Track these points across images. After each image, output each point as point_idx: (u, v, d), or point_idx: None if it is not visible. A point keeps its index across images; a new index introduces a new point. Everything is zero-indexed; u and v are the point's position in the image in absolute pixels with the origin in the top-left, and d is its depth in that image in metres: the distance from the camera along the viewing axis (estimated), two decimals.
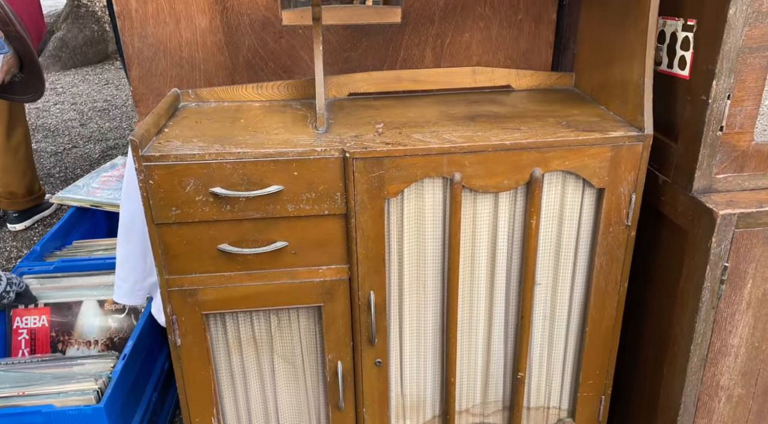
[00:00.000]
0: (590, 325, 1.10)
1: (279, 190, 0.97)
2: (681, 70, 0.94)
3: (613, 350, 1.11)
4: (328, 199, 0.99)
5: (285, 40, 1.39)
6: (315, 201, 0.99)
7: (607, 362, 1.13)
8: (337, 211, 1.00)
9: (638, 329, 1.14)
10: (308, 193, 0.99)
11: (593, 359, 1.13)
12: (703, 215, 0.89)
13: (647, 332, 1.10)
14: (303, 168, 0.97)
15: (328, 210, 1.00)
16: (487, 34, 1.42)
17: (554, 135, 0.99)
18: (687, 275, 0.94)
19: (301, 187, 0.98)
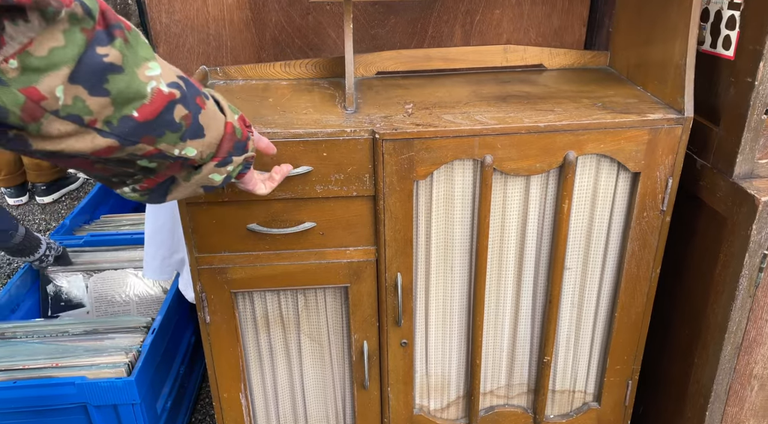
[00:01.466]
0: (620, 310, 1.09)
1: (308, 170, 0.97)
2: (725, 51, 0.90)
3: (642, 336, 1.10)
4: (356, 180, 0.99)
5: (312, 17, 1.37)
6: (343, 182, 0.99)
7: (635, 348, 1.12)
8: (365, 192, 1.00)
9: (668, 314, 1.12)
10: (337, 174, 0.98)
11: (621, 345, 1.12)
12: (743, 201, 0.87)
13: (677, 318, 1.09)
14: (332, 149, 0.96)
15: (356, 191, 0.99)
16: (519, 11, 1.38)
17: (590, 117, 0.96)
18: (724, 262, 0.92)
19: (330, 168, 0.97)
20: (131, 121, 0.58)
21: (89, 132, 0.56)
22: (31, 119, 0.52)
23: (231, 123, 0.70)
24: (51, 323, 1.35)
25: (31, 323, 1.36)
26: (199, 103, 0.65)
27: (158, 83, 0.59)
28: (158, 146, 0.62)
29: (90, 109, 0.55)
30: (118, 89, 0.56)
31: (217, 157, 0.70)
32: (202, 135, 0.66)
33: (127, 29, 0.58)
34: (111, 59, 0.55)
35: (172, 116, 0.61)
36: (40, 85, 0.51)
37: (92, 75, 0.54)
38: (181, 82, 0.63)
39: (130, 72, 0.57)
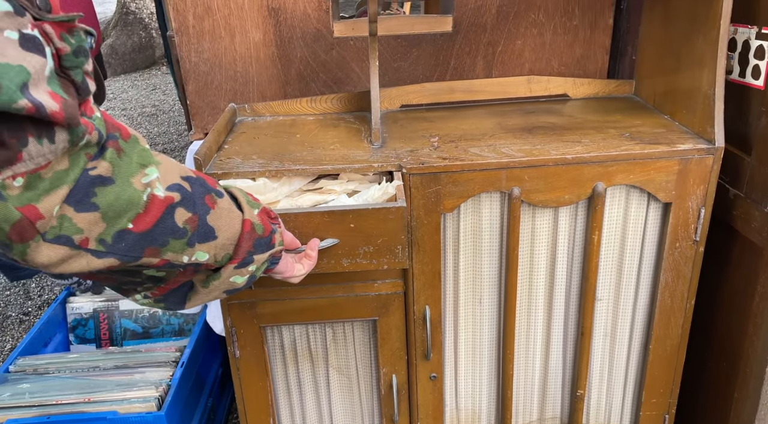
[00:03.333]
0: (654, 342, 1.06)
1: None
2: (755, 80, 0.89)
3: (678, 369, 1.07)
4: None
5: (336, 52, 1.40)
6: None
7: (671, 381, 1.09)
8: None
9: (705, 347, 1.10)
10: None
11: (657, 378, 1.09)
12: None
13: (715, 351, 1.06)
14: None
15: None
16: (541, 41, 1.39)
17: (618, 148, 0.96)
18: (762, 294, 0.90)
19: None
20: (128, 235, 0.53)
21: (82, 254, 0.51)
22: (19, 240, 0.48)
23: (249, 220, 0.64)
24: (82, 358, 1.37)
25: (63, 358, 1.38)
26: (207, 203, 0.60)
27: (154, 189, 0.54)
28: (164, 257, 0.56)
29: (78, 228, 0.50)
30: (107, 202, 0.51)
31: (236, 258, 0.63)
32: (212, 237, 0.60)
33: (124, 138, 0.54)
34: (99, 172, 0.51)
35: (173, 222, 0.56)
36: (40, 204, 0.47)
37: (78, 190, 0.50)
38: (185, 182, 0.58)
39: (123, 182, 0.52)
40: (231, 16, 1.31)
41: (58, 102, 0.45)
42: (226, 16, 1.31)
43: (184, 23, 1.30)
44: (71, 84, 0.48)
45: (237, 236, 0.63)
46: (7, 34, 0.42)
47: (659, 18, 1.08)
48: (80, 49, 0.49)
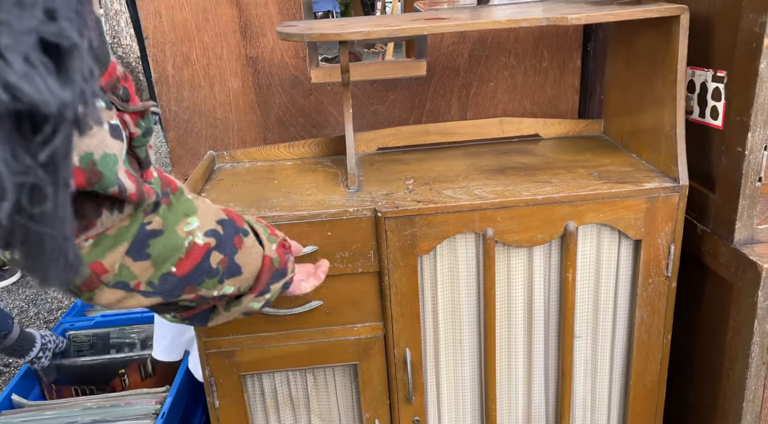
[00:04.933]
0: (634, 378, 1.07)
1: (314, 250, 0.98)
2: (714, 120, 0.93)
3: (659, 404, 1.07)
4: (361, 257, 1.00)
5: (314, 97, 1.43)
6: (349, 260, 1.00)
7: (653, 416, 1.09)
8: (370, 269, 1.01)
9: (685, 382, 1.10)
10: (342, 252, 1.00)
11: (639, 414, 1.09)
12: (747, 267, 0.87)
13: (695, 387, 1.06)
14: (336, 228, 0.98)
15: (361, 268, 1.01)
16: (513, 82, 1.43)
17: (587, 188, 0.98)
18: (734, 329, 0.91)
19: (335, 247, 0.99)
20: (171, 277, 0.61)
21: (134, 295, 0.60)
22: (87, 290, 0.56)
23: (269, 256, 0.71)
24: (61, 415, 1.34)
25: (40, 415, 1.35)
26: (236, 244, 0.67)
27: (195, 237, 0.62)
28: (199, 293, 0.64)
29: (134, 274, 0.58)
30: (157, 251, 0.59)
31: (255, 289, 0.71)
32: (239, 273, 0.67)
33: (173, 191, 0.62)
34: (153, 226, 0.59)
35: (208, 264, 0.63)
36: (105, 260, 0.55)
37: (137, 244, 0.58)
38: (219, 226, 0.65)
39: (169, 232, 0.60)
40: (210, 66, 1.34)
41: (134, 183, 0.52)
42: (204, 66, 1.34)
43: (164, 74, 1.33)
44: (135, 159, 0.55)
45: (258, 271, 0.70)
46: (104, 126, 0.49)
47: (622, 60, 1.13)
48: (148, 130, 0.56)
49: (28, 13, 0.24)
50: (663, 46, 0.96)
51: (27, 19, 0.24)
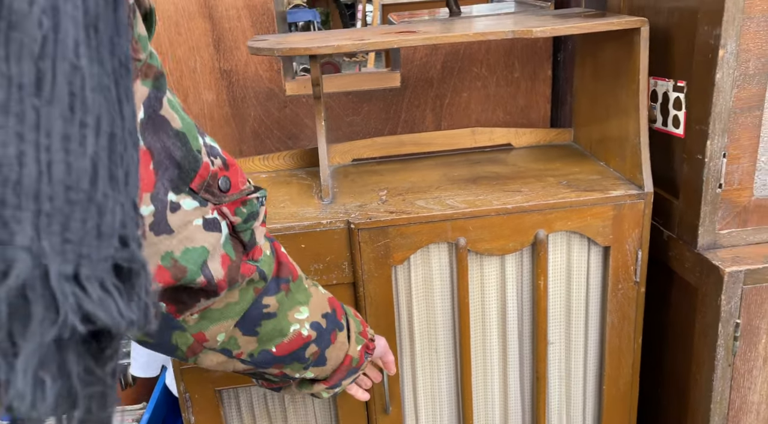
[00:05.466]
0: (607, 383, 1.08)
1: None
2: (675, 129, 0.95)
3: (632, 408, 1.09)
4: (336, 269, 1.01)
5: (289, 109, 1.43)
6: (323, 271, 1.00)
7: (627, 420, 1.10)
8: (345, 280, 1.01)
9: (658, 386, 1.12)
10: (316, 264, 1.00)
11: (613, 417, 1.11)
12: (710, 272, 0.89)
13: (667, 390, 1.08)
14: (310, 240, 0.99)
15: (336, 280, 1.01)
16: (485, 92, 1.45)
17: (555, 196, 1.00)
18: (700, 331, 0.93)
19: (309, 259, 0.99)
20: (269, 354, 0.65)
21: (234, 361, 0.65)
22: (192, 354, 0.62)
23: (351, 356, 0.75)
24: None
25: None
26: (331, 339, 0.71)
27: (301, 327, 0.66)
28: (284, 371, 0.69)
29: (239, 345, 0.63)
30: (266, 331, 0.64)
31: (329, 382, 0.75)
32: (323, 364, 0.72)
33: (293, 279, 0.66)
34: (269, 309, 0.63)
35: (303, 353, 0.68)
36: (208, 331, 0.60)
37: (250, 321, 0.62)
38: (323, 320, 0.69)
39: (282, 316, 0.64)
40: (183, 78, 1.34)
41: (224, 268, 0.55)
42: (177, 79, 1.34)
43: None
44: (239, 242, 0.58)
45: (338, 365, 0.74)
46: (195, 222, 0.52)
47: (589, 71, 1.15)
48: (251, 215, 0.58)
49: (106, 243, 0.27)
50: (626, 58, 0.98)
51: (105, 249, 0.27)
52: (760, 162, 0.89)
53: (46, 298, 0.24)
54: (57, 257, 0.24)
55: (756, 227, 0.91)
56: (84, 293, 0.25)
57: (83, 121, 0.25)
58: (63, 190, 0.25)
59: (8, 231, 0.24)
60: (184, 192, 0.51)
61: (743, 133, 0.85)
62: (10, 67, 0.23)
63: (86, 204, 0.25)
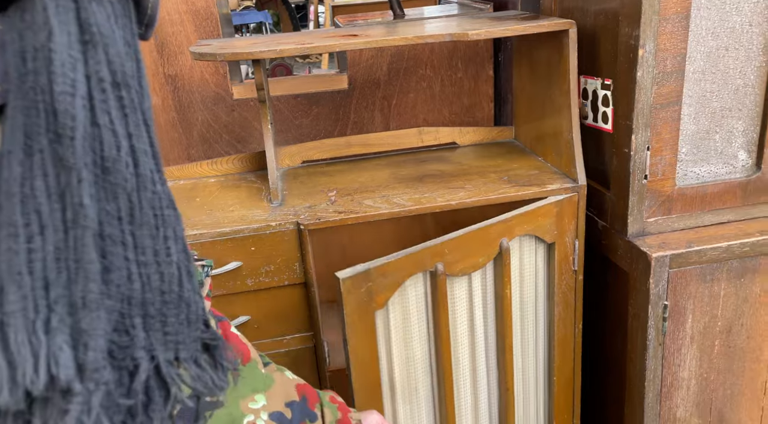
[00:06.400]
0: (557, 373, 1.12)
1: (238, 266, 0.99)
2: (605, 124, 1.01)
3: (576, 392, 1.14)
4: (287, 270, 1.02)
5: (237, 113, 1.44)
6: (274, 273, 1.02)
7: (572, 405, 1.16)
8: (296, 280, 1.03)
9: (599, 368, 1.18)
10: (267, 266, 1.01)
11: (562, 404, 1.15)
12: (639, 257, 0.95)
13: (609, 373, 1.14)
14: (259, 243, 1.00)
15: (287, 280, 1.02)
16: (431, 93, 1.49)
17: (496, 192, 1.04)
18: (633, 314, 0.99)
19: (260, 261, 1.00)
20: None
21: None
22: None
23: None
24: None
25: None
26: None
27: (256, 418, 0.60)
28: None
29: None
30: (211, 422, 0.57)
31: None
32: None
33: (244, 362, 0.60)
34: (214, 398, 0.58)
35: None
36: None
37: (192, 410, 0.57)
38: (287, 409, 0.63)
39: (232, 403, 0.58)
40: None
41: None
42: None
43: None
44: None
45: None
46: None
47: (526, 71, 1.20)
48: None
49: (194, 327, 0.34)
50: (557, 58, 1.03)
51: (194, 332, 0.34)
52: (681, 154, 0.95)
53: (159, 382, 0.32)
54: (161, 347, 0.31)
55: (680, 214, 0.98)
56: (185, 371, 0.33)
57: (165, 235, 0.32)
58: (159, 295, 0.32)
59: (130, 336, 0.31)
60: None
61: (664, 127, 0.92)
62: (110, 204, 0.29)
63: (177, 302, 0.32)
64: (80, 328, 0.29)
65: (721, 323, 0.97)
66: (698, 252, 0.92)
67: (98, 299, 0.29)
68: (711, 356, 0.99)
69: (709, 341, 0.98)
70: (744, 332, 0.98)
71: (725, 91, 0.92)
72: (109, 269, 0.30)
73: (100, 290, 0.29)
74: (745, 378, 1.01)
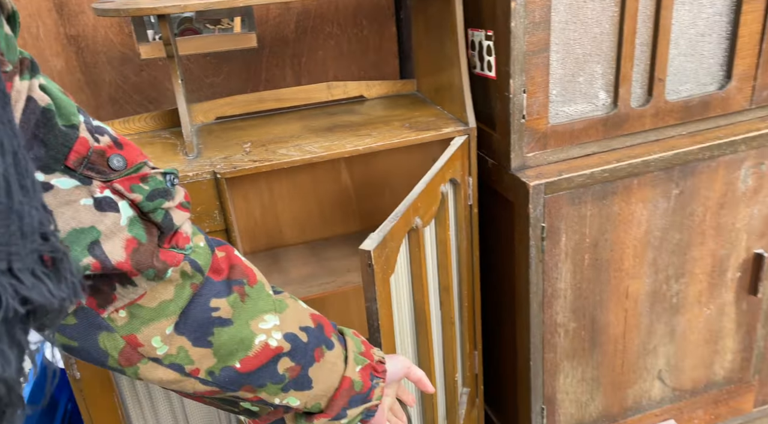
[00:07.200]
0: (465, 302, 1.27)
1: None
2: (489, 72, 1.14)
3: (477, 312, 1.30)
4: (207, 218, 1.08)
5: (146, 73, 1.44)
6: (195, 222, 1.07)
7: (473, 323, 1.32)
8: (217, 227, 1.09)
9: (495, 288, 1.34)
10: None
11: (469, 325, 1.31)
12: (520, 187, 1.10)
13: (503, 291, 1.31)
14: None
15: (208, 228, 1.09)
16: (339, 50, 1.57)
17: (399, 137, 1.15)
18: (518, 237, 1.15)
19: None
20: (232, 372, 0.58)
21: (190, 379, 0.58)
22: (128, 363, 0.55)
23: (349, 378, 0.66)
24: None
25: None
26: (315, 356, 0.63)
27: (268, 337, 0.59)
28: (259, 394, 0.61)
29: (191, 359, 0.57)
30: (221, 341, 0.57)
31: (329, 413, 0.65)
32: (308, 387, 0.63)
33: (250, 283, 0.59)
34: (220, 314, 0.57)
35: (275, 368, 0.60)
36: (140, 334, 0.54)
37: (198, 327, 0.56)
38: (302, 333, 0.62)
39: (240, 324, 0.57)
40: (26, 47, 1.30)
41: (127, 251, 0.50)
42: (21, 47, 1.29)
43: None
44: (153, 225, 0.52)
45: (333, 391, 0.65)
46: (82, 202, 0.49)
47: (422, 26, 1.31)
48: (155, 192, 0.53)
49: (30, 240, 0.33)
50: (446, 13, 1.14)
51: (29, 245, 0.33)
52: (552, 95, 1.10)
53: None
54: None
55: (553, 148, 1.13)
56: (18, 281, 0.32)
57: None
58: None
59: None
60: (58, 170, 0.48)
61: (537, 72, 1.05)
62: None
63: (7, 213, 0.32)
64: None
65: (588, 240, 1.15)
66: (567, 179, 1.08)
67: None
68: (582, 268, 1.17)
69: (580, 256, 1.16)
70: (608, 246, 1.17)
71: (586, 39, 1.07)
72: None
73: None
74: (610, 286, 1.20)
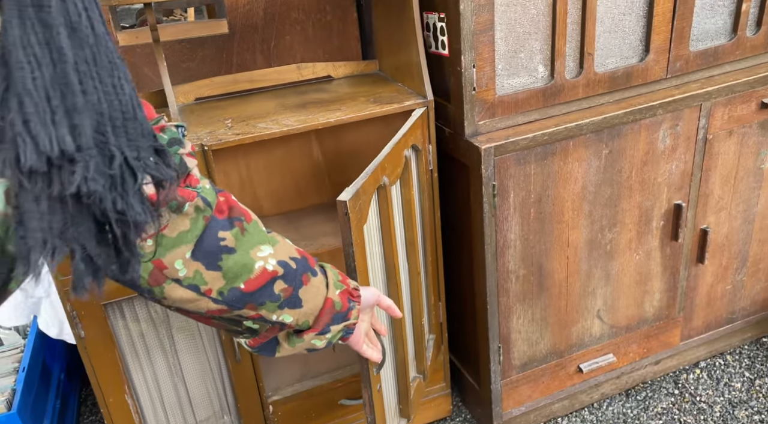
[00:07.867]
0: (429, 256, 1.43)
1: None
2: (443, 50, 1.29)
3: (439, 264, 1.46)
4: None
5: (125, 60, 1.53)
6: None
7: (436, 276, 1.48)
8: None
9: (456, 244, 1.51)
10: None
11: (432, 280, 1.47)
12: (473, 151, 1.26)
13: (462, 246, 1.47)
14: None
15: None
16: (305, 35, 1.69)
17: (365, 110, 1.29)
18: (473, 197, 1.31)
19: None
20: (238, 291, 0.71)
21: (204, 299, 0.70)
22: (156, 283, 0.67)
23: (331, 299, 0.80)
24: None
25: None
26: (303, 280, 0.76)
27: (265, 263, 0.72)
28: (259, 312, 0.74)
29: (205, 281, 0.68)
30: (228, 266, 0.69)
31: (315, 328, 0.80)
32: (299, 306, 0.77)
33: (247, 221, 0.72)
34: (226, 243, 0.69)
35: (272, 289, 0.73)
36: (165, 258, 0.65)
37: (209, 254, 0.68)
38: (291, 261, 0.75)
39: (242, 252, 0.70)
40: None
41: None
42: None
43: None
44: None
45: (318, 310, 0.79)
46: None
47: (382, 11, 1.45)
48: (173, 140, 0.65)
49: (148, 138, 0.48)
50: None
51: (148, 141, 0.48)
52: (498, 69, 1.26)
53: (128, 169, 0.45)
54: (126, 147, 0.45)
55: (501, 117, 1.29)
56: (145, 164, 0.46)
57: (118, 75, 0.46)
58: (120, 114, 0.45)
59: (105, 137, 0.43)
60: None
61: (484, 49, 1.21)
62: (80, 52, 0.43)
63: (134, 120, 0.46)
64: (74, 123, 0.41)
65: (533, 196, 1.32)
66: (513, 143, 1.25)
67: (82, 108, 0.42)
68: (529, 221, 1.35)
69: (526, 210, 1.33)
70: (550, 201, 1.34)
71: (525, 19, 1.23)
72: (85, 91, 0.42)
73: (82, 103, 0.42)
74: (553, 236, 1.39)
